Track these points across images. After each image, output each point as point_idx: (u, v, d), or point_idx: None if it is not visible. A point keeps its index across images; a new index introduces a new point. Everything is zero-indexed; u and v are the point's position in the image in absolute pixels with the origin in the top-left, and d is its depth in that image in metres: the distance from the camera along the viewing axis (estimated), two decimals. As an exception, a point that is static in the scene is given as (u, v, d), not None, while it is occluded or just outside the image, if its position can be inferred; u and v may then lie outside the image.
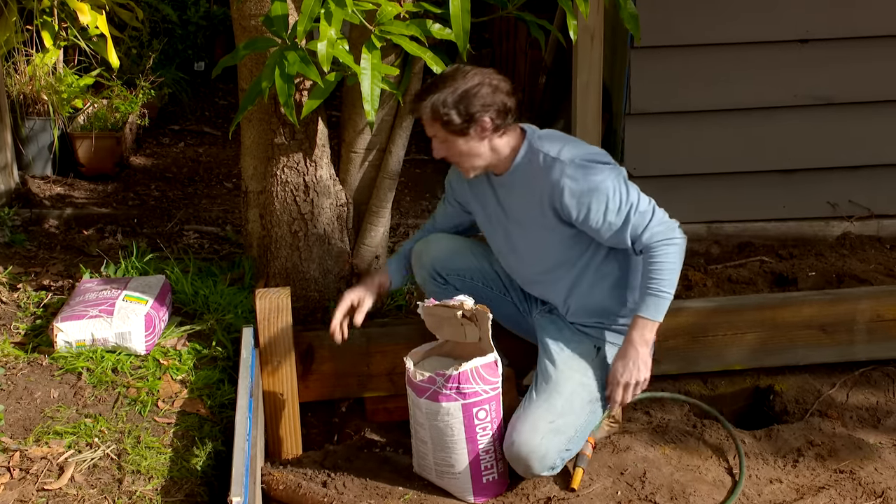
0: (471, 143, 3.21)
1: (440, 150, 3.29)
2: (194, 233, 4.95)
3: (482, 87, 3.15)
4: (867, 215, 5.07)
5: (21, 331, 3.76)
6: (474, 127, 3.17)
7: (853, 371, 4.10)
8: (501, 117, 3.18)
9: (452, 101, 3.14)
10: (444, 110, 3.14)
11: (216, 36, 8.04)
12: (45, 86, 5.69)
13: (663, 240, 3.22)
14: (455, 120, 3.15)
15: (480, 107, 3.14)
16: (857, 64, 4.82)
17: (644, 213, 3.22)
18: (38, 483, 2.96)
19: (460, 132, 3.18)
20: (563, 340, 3.40)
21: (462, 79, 3.16)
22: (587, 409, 3.32)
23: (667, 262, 3.21)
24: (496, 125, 3.19)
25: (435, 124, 3.20)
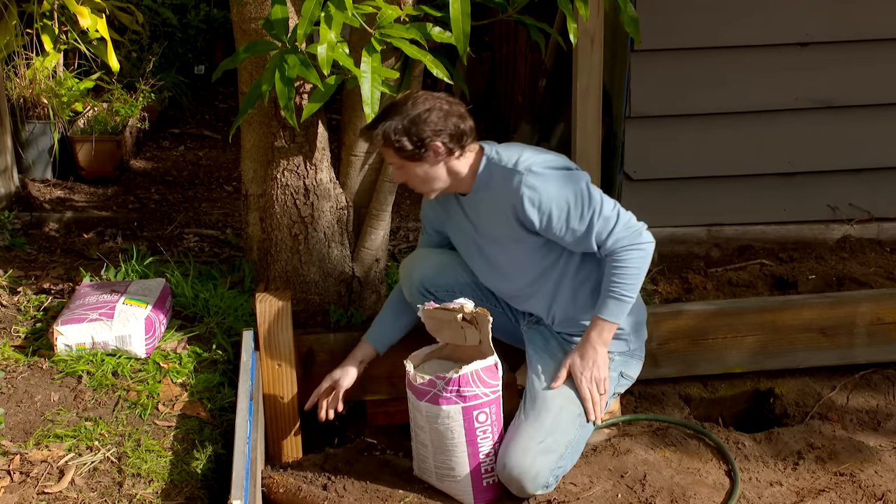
0: (426, 167, 3.24)
1: (398, 176, 3.32)
2: (194, 236, 4.95)
3: (432, 112, 3.17)
4: (867, 218, 5.07)
5: (21, 334, 3.75)
6: (427, 152, 3.19)
7: (853, 374, 4.10)
8: (455, 141, 3.20)
9: (403, 128, 3.16)
10: (395, 137, 3.17)
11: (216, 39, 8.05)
12: (46, 89, 5.69)
13: (628, 245, 3.22)
14: (407, 146, 3.18)
15: (431, 132, 3.16)
16: (858, 67, 4.83)
17: (608, 219, 3.22)
18: (38, 486, 2.96)
19: (414, 158, 3.21)
20: (550, 354, 3.39)
21: (412, 105, 3.19)
22: (576, 423, 3.31)
23: (630, 266, 3.22)
24: (449, 149, 3.21)
25: (389, 151, 3.24)
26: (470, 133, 3.24)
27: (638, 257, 3.23)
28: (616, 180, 5.00)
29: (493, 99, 7.43)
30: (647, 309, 3.88)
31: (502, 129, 6.85)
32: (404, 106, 3.20)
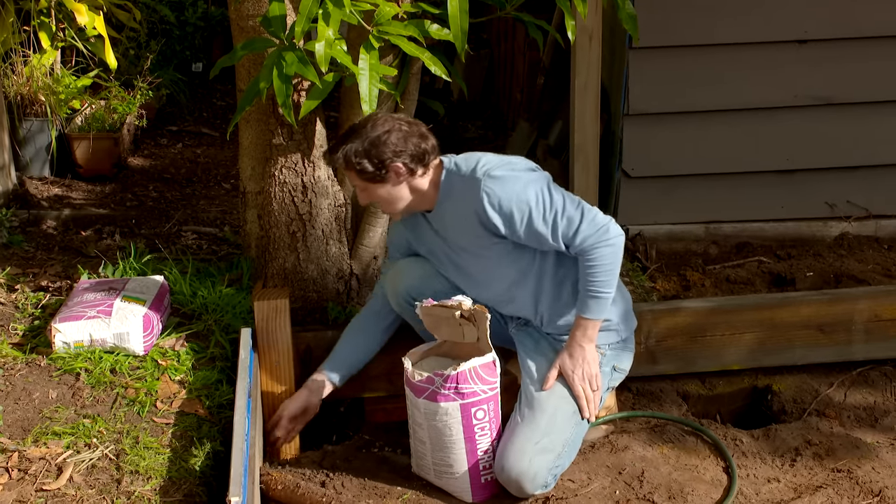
0: (388, 188, 3.26)
1: (363, 198, 3.36)
2: (192, 233, 4.95)
3: (391, 133, 3.19)
4: (865, 215, 5.07)
5: (19, 332, 3.75)
6: (388, 173, 3.22)
7: (851, 371, 4.11)
8: (416, 161, 3.22)
9: (363, 151, 3.19)
10: (356, 160, 3.20)
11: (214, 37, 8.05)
12: (43, 87, 5.69)
13: (596, 242, 3.21)
14: (368, 168, 3.20)
15: (392, 153, 3.19)
16: (856, 64, 4.83)
17: (571, 218, 3.20)
18: (36, 483, 2.96)
19: (376, 179, 3.23)
20: (541, 355, 3.39)
21: (372, 128, 3.21)
22: (572, 421, 3.31)
23: (602, 263, 3.21)
24: (410, 169, 3.23)
25: (351, 174, 3.27)
26: (432, 151, 3.27)
27: (609, 253, 3.22)
28: (614, 178, 5.00)
29: (491, 96, 7.44)
30: (645, 306, 3.89)
31: (500, 127, 6.86)
32: (364, 129, 3.23)
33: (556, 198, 3.21)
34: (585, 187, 5.01)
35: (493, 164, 3.25)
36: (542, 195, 3.20)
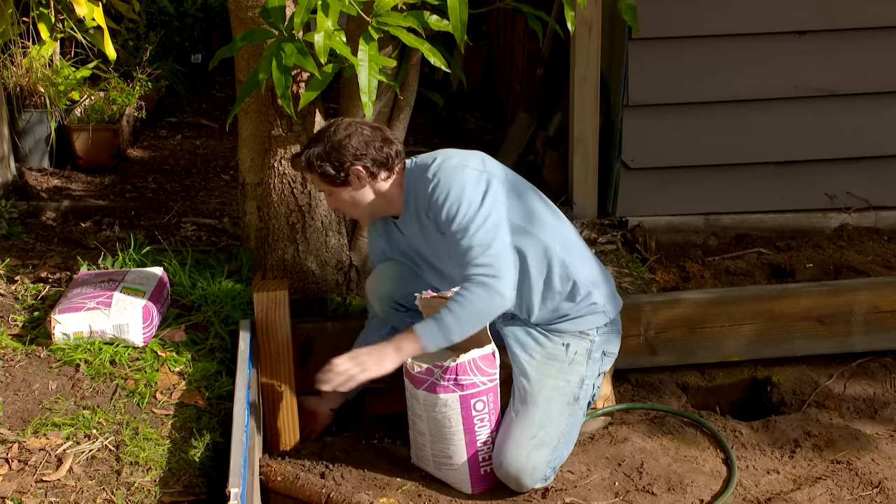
0: (351, 192, 3.30)
1: (331, 203, 3.42)
2: (192, 225, 4.94)
3: (352, 138, 3.24)
4: (865, 207, 5.07)
5: (19, 323, 3.75)
6: (349, 177, 3.26)
7: (850, 362, 4.11)
8: (377, 165, 3.26)
9: (324, 154, 3.24)
10: (317, 163, 3.25)
11: (213, 28, 8.02)
12: (42, 78, 5.67)
13: (482, 281, 3.13)
14: (329, 171, 3.25)
15: (352, 157, 3.23)
16: (856, 55, 4.82)
17: (482, 244, 3.15)
18: (36, 474, 2.96)
19: (337, 183, 3.27)
20: (531, 348, 3.37)
21: (334, 132, 3.26)
22: (566, 412, 3.31)
23: (471, 304, 3.12)
24: (372, 173, 3.26)
25: (315, 177, 3.33)
26: (396, 156, 3.29)
27: (484, 299, 3.12)
28: (614, 169, 5.00)
29: (490, 87, 7.43)
30: (644, 297, 3.89)
31: (500, 118, 6.85)
32: (326, 133, 3.28)
33: (483, 208, 3.17)
34: (585, 178, 5.01)
35: (449, 156, 3.28)
36: (473, 197, 3.18)
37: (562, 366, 3.34)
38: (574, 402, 3.33)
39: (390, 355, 3.19)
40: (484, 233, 3.15)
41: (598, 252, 4.70)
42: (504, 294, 3.14)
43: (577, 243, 3.41)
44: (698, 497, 3.25)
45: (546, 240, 3.31)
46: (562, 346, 3.36)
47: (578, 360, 3.35)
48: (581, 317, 3.37)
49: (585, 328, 3.38)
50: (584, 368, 3.36)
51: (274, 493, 3.30)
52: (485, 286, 3.12)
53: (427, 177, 3.24)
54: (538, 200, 3.39)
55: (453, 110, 7.12)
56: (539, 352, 3.36)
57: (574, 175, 5.01)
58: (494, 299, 3.13)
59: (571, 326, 3.37)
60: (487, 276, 3.12)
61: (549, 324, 3.39)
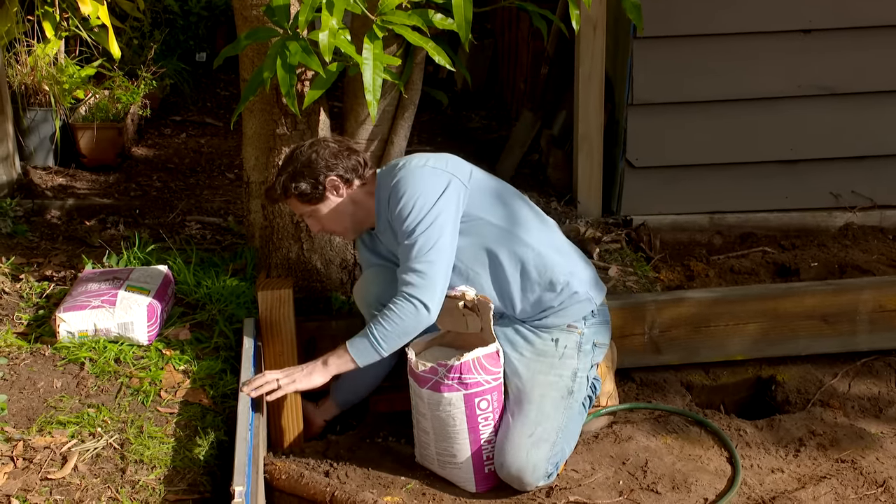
0: (330, 204, 3.34)
1: (314, 225, 3.43)
2: (196, 223, 4.95)
3: (319, 151, 3.31)
4: (870, 206, 5.07)
5: (24, 321, 3.76)
6: (326, 190, 3.30)
7: (855, 361, 4.10)
8: (350, 172, 3.32)
9: (297, 174, 3.30)
10: (293, 185, 3.31)
11: (217, 26, 8.03)
12: (47, 76, 5.68)
13: (412, 295, 3.17)
14: (306, 189, 3.30)
15: (325, 168, 3.30)
16: (861, 54, 4.82)
17: (422, 248, 3.18)
18: (41, 472, 2.97)
19: (316, 199, 3.33)
20: (520, 346, 3.37)
21: (300, 153, 3.34)
22: (560, 406, 3.30)
23: (398, 319, 3.18)
24: (346, 179, 3.32)
25: (293, 201, 3.37)
26: (364, 164, 3.36)
27: (410, 314, 3.17)
28: (618, 168, 4.99)
29: (494, 86, 7.43)
30: (649, 296, 3.88)
31: (504, 117, 6.85)
32: (291, 158, 3.36)
33: (434, 209, 3.20)
34: (589, 177, 5.01)
35: (410, 160, 3.31)
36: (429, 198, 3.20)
37: (552, 361, 3.33)
38: (568, 395, 3.33)
39: (318, 369, 3.26)
40: (426, 237, 3.19)
41: (603, 251, 4.70)
42: (430, 309, 3.19)
43: (554, 239, 3.42)
44: (702, 496, 3.25)
45: (519, 234, 3.33)
46: (551, 341, 3.36)
47: (569, 353, 3.35)
48: (565, 308, 3.36)
49: (572, 320, 3.37)
50: (576, 362, 3.36)
51: (278, 492, 3.30)
52: (411, 303, 3.18)
53: (389, 180, 3.29)
54: (518, 202, 3.42)
55: (458, 109, 7.12)
56: (529, 349, 3.36)
57: (578, 174, 5.01)
58: (420, 316, 3.19)
59: (558, 320, 3.37)
60: (417, 286, 3.17)
61: (535, 319, 3.38)
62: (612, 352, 3.68)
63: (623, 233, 4.91)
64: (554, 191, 5.28)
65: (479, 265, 3.32)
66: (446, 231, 3.21)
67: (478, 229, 3.30)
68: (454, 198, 3.24)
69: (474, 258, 3.32)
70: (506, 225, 3.32)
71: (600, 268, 4.51)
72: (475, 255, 3.31)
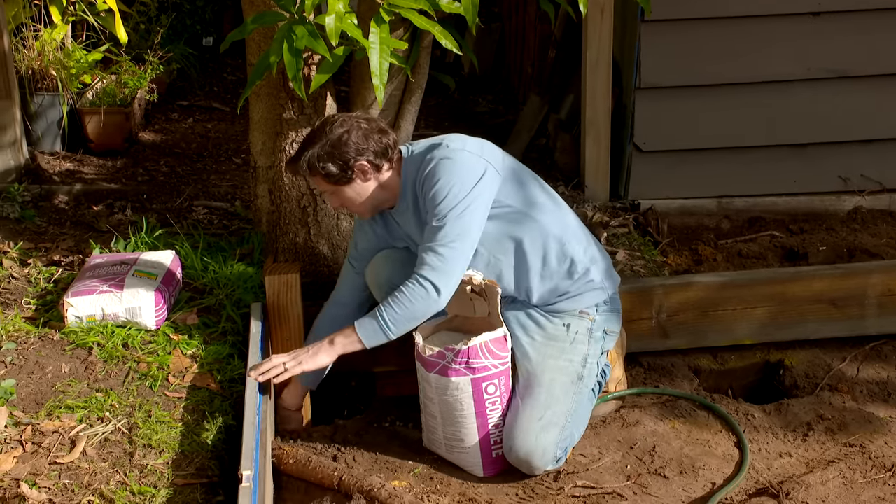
0: (357, 187, 3.25)
1: (334, 202, 3.35)
2: (203, 208, 4.95)
3: (351, 132, 3.19)
4: (879, 189, 5.05)
5: (32, 306, 3.77)
6: (353, 172, 3.21)
7: (864, 345, 4.10)
8: (380, 157, 3.22)
9: (326, 154, 3.19)
10: (319, 164, 3.20)
11: (224, 11, 8.02)
12: (54, 61, 5.68)
13: (427, 278, 3.12)
14: (333, 171, 3.20)
15: (354, 152, 3.18)
16: (870, 36, 4.79)
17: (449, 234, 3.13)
18: (49, 456, 2.98)
19: (342, 181, 3.23)
20: (532, 330, 3.36)
21: (330, 130, 3.21)
22: (570, 391, 3.30)
23: (413, 305, 3.14)
24: (376, 165, 3.22)
25: (317, 179, 3.26)
26: (394, 146, 3.27)
27: (421, 298, 3.13)
28: (626, 151, 4.98)
29: (502, 70, 7.41)
30: (656, 280, 3.88)
31: (511, 101, 6.83)
32: (322, 132, 3.23)
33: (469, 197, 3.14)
34: (597, 161, 4.99)
35: (447, 142, 3.24)
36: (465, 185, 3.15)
37: (563, 346, 3.33)
38: (578, 380, 3.32)
39: (325, 349, 3.22)
40: (455, 223, 3.14)
41: (611, 235, 4.69)
42: (441, 294, 3.14)
43: (574, 225, 3.40)
44: (710, 480, 3.25)
45: (544, 222, 3.30)
46: (562, 326, 3.35)
47: (580, 339, 3.35)
48: (580, 294, 3.36)
49: (584, 307, 3.37)
50: (587, 347, 3.36)
51: (286, 476, 3.30)
52: (423, 286, 3.13)
53: (424, 161, 3.23)
54: (538, 187, 3.38)
55: (465, 93, 7.11)
56: (540, 333, 3.35)
57: (586, 158, 4.99)
58: (430, 301, 3.14)
59: (571, 305, 3.36)
60: (435, 269, 3.12)
61: (548, 304, 3.38)
62: (622, 338, 3.67)
63: (631, 217, 4.90)
64: (561, 175, 5.27)
65: (503, 252, 3.30)
66: (476, 220, 3.17)
67: (505, 216, 3.27)
68: (488, 187, 3.20)
69: (498, 245, 3.30)
70: (531, 212, 3.29)
71: (608, 252, 4.50)
72: (500, 242, 3.29)
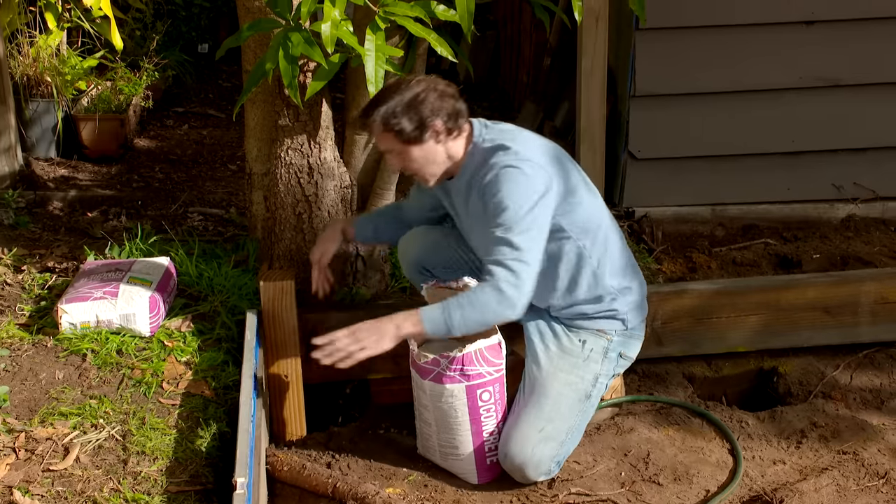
0: (426, 149, 3.18)
1: (396, 163, 3.27)
2: (198, 215, 4.95)
3: (428, 93, 3.13)
4: (872, 197, 5.06)
5: (26, 312, 3.76)
6: (427, 132, 3.14)
7: (857, 353, 4.10)
8: (453, 120, 3.16)
9: (402, 110, 3.11)
10: (394, 120, 3.12)
11: (220, 18, 8.03)
12: (49, 67, 5.68)
13: (502, 290, 3.05)
14: (407, 128, 3.12)
15: (430, 112, 3.12)
16: (863, 45, 4.81)
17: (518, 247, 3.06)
18: (43, 464, 2.97)
19: (414, 140, 3.15)
20: (548, 338, 3.37)
21: (407, 88, 3.15)
22: (576, 408, 3.30)
23: (485, 308, 3.06)
24: (448, 128, 3.16)
25: (388, 136, 3.17)
26: (464, 113, 3.20)
27: (494, 306, 3.05)
28: (620, 159, 4.99)
29: (497, 78, 7.42)
30: (651, 288, 3.88)
31: (507, 108, 6.84)
32: (398, 89, 3.15)
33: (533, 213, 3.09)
34: (592, 169, 4.99)
35: (514, 145, 3.17)
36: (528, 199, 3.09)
37: (576, 361, 3.33)
38: (586, 399, 3.32)
39: (390, 333, 3.10)
40: (524, 237, 3.07)
41: (605, 242, 4.69)
42: (515, 308, 3.07)
43: (616, 255, 3.35)
44: (704, 487, 3.25)
45: (586, 251, 3.27)
46: (578, 342, 3.35)
47: (594, 357, 3.35)
48: (598, 319, 3.37)
49: (603, 328, 3.38)
50: (599, 367, 3.35)
51: (280, 483, 3.30)
52: (502, 294, 3.05)
53: (488, 163, 3.17)
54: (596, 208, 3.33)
55: (460, 100, 7.11)
56: (555, 344, 3.35)
57: (581, 165, 4.98)
58: (505, 311, 3.07)
59: (589, 324, 3.37)
60: (509, 283, 3.05)
61: (569, 319, 3.37)
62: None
63: (625, 224, 4.91)
64: (556, 182, 5.27)
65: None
66: (542, 235, 3.13)
67: (552, 234, 3.21)
68: (551, 202, 3.15)
69: None
70: (579, 239, 3.26)
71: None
72: None
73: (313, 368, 3.73)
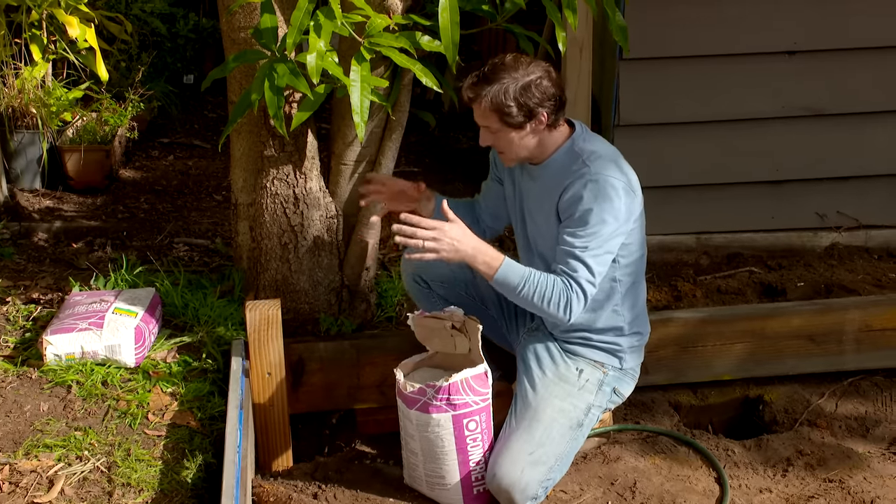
0: (524, 136, 3.18)
1: (487, 140, 3.25)
2: (184, 245, 4.94)
3: (543, 79, 3.11)
4: (855, 226, 5.09)
5: (10, 344, 3.75)
6: (532, 121, 3.13)
7: (842, 381, 4.12)
8: (556, 112, 3.16)
9: (514, 94, 3.08)
10: (506, 102, 3.09)
11: (205, 49, 8.04)
12: (34, 99, 5.68)
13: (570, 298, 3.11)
14: (514, 113, 3.10)
15: (538, 101, 3.09)
16: (845, 75, 4.85)
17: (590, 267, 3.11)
18: (27, 497, 2.95)
19: (517, 126, 3.14)
20: (545, 363, 3.37)
21: (524, 69, 3.11)
22: (567, 436, 3.30)
23: (551, 300, 3.11)
24: (550, 122, 3.16)
25: (492, 115, 3.14)
26: (564, 106, 3.20)
27: (560, 305, 3.11)
28: (605, 188, 5.00)
29: (482, 108, 7.44)
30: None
31: (491, 138, 6.85)
32: (514, 69, 3.11)
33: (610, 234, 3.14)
34: (577, 198, 5.01)
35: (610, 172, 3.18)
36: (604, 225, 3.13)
37: (571, 389, 3.33)
38: (577, 427, 3.32)
39: (467, 253, 3.11)
40: (598, 261, 3.13)
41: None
42: (566, 321, 3.16)
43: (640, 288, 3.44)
44: (691, 516, 3.25)
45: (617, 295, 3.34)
46: (575, 370, 3.36)
47: (589, 388, 3.36)
48: (598, 348, 3.39)
49: (601, 360, 3.39)
50: (593, 397, 3.36)
51: (266, 514, 3.29)
52: (569, 305, 3.11)
53: (590, 166, 3.17)
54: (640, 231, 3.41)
55: (445, 130, 7.14)
56: (551, 369, 3.36)
57: (566, 195, 5.01)
58: (561, 316, 3.14)
59: (588, 353, 3.38)
60: (578, 299, 3.11)
61: (568, 341, 3.39)
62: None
63: (610, 253, 4.91)
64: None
65: None
66: (611, 258, 3.18)
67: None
68: (626, 231, 3.22)
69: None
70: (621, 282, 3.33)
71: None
72: None
73: (299, 399, 3.73)
